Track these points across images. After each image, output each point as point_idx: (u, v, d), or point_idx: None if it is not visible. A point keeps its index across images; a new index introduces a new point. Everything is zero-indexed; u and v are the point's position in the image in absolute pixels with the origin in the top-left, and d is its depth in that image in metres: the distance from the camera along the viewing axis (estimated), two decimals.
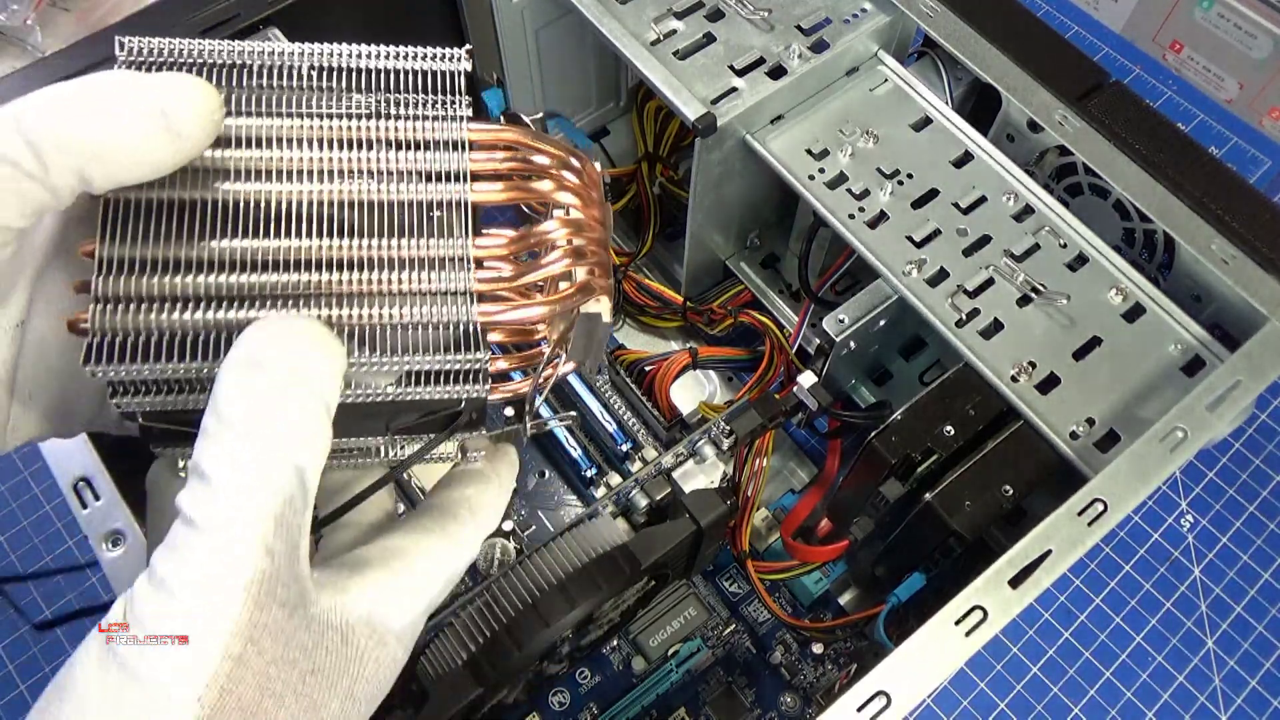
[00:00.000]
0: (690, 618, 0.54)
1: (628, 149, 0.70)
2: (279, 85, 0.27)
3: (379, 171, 0.27)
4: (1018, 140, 0.52)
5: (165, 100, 0.23)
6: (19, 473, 0.65)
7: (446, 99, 0.28)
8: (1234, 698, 0.59)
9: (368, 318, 0.26)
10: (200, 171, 0.26)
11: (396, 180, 0.27)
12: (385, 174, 0.27)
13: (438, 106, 0.28)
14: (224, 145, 0.26)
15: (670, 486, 0.48)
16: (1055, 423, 0.43)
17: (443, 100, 0.28)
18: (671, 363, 0.61)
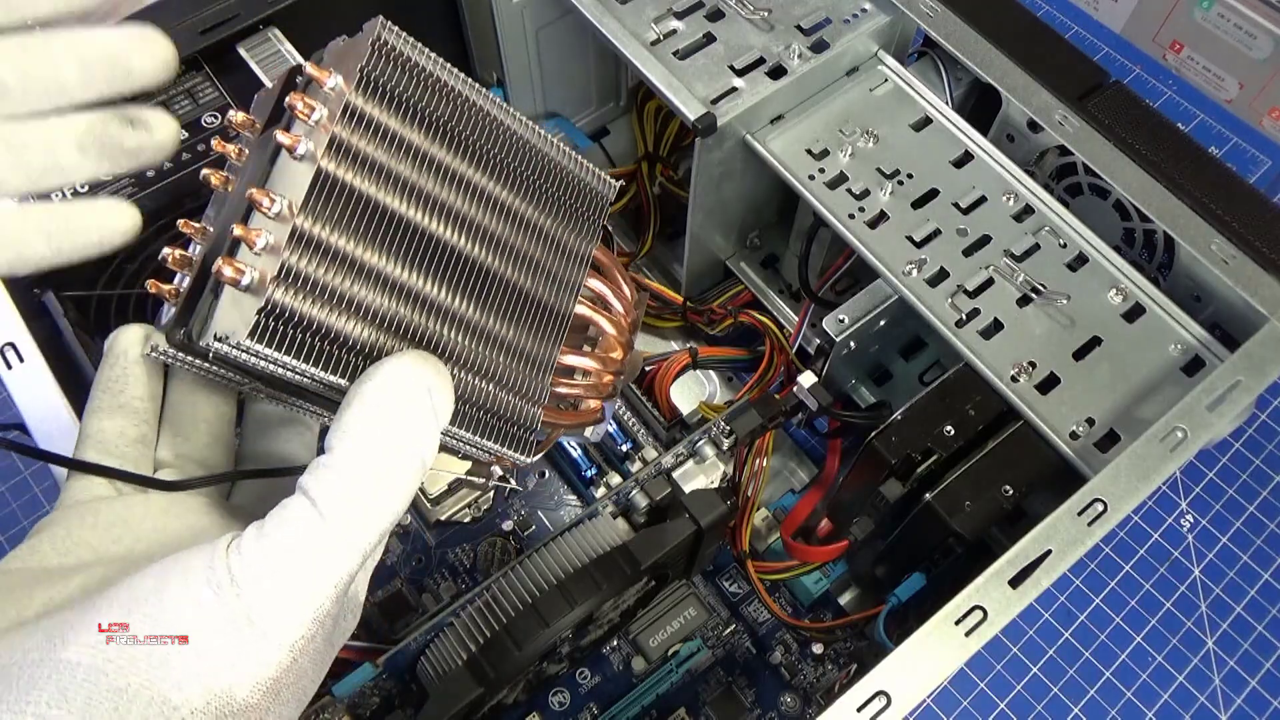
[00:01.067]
0: (690, 618, 0.54)
1: (628, 149, 0.70)
2: (487, 137, 0.29)
3: (525, 257, 0.29)
4: (1018, 140, 0.52)
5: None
6: (19, 473, 0.65)
7: (592, 214, 0.32)
8: (1234, 698, 0.59)
9: (467, 386, 0.28)
10: (402, 184, 0.26)
11: (533, 271, 0.29)
12: (529, 262, 0.29)
13: (585, 217, 0.32)
14: (423, 168, 0.26)
15: (670, 486, 0.48)
16: (1055, 423, 0.43)
17: (590, 213, 0.32)
18: (671, 363, 0.61)
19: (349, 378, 0.25)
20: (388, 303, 0.25)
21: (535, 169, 0.31)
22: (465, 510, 0.57)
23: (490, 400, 0.28)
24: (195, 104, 0.49)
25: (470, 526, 0.57)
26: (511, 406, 0.28)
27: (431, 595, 0.55)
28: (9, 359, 0.42)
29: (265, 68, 0.49)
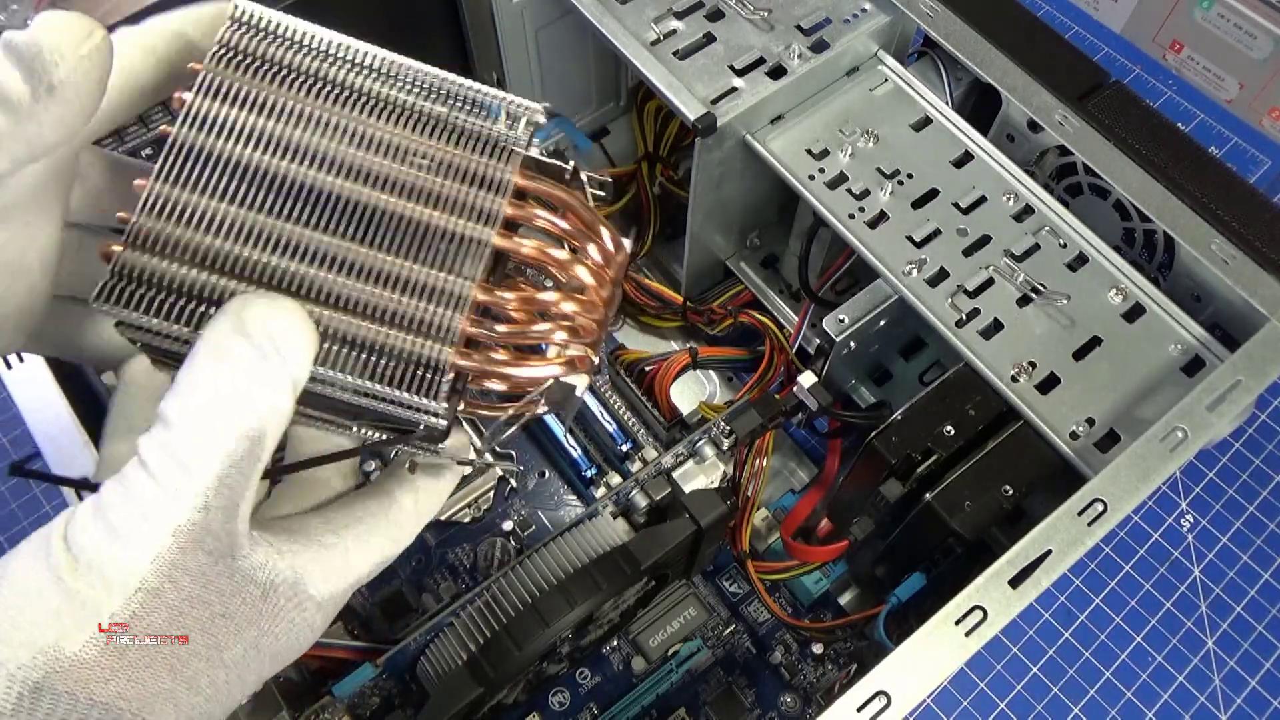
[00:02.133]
0: (690, 618, 0.54)
1: (628, 149, 0.70)
2: (358, 80, 0.28)
3: (420, 190, 0.27)
4: (1018, 140, 0.52)
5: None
6: None
7: (511, 138, 0.29)
8: (1234, 698, 0.59)
9: (352, 326, 0.26)
10: (257, 136, 0.26)
11: (432, 202, 0.27)
12: (424, 193, 0.28)
13: (496, 147, 0.29)
14: (291, 121, 0.27)
15: (670, 486, 0.48)
16: (1055, 423, 0.43)
17: (506, 138, 0.29)
18: (671, 363, 0.61)
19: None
20: (246, 250, 0.26)
21: (424, 104, 0.29)
22: (465, 510, 0.57)
23: (378, 339, 0.26)
24: None
25: (470, 526, 0.57)
26: (409, 345, 0.26)
27: (431, 595, 0.55)
28: (9, 359, 0.42)
29: None
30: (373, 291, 0.27)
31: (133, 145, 0.47)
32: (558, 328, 0.28)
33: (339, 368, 0.26)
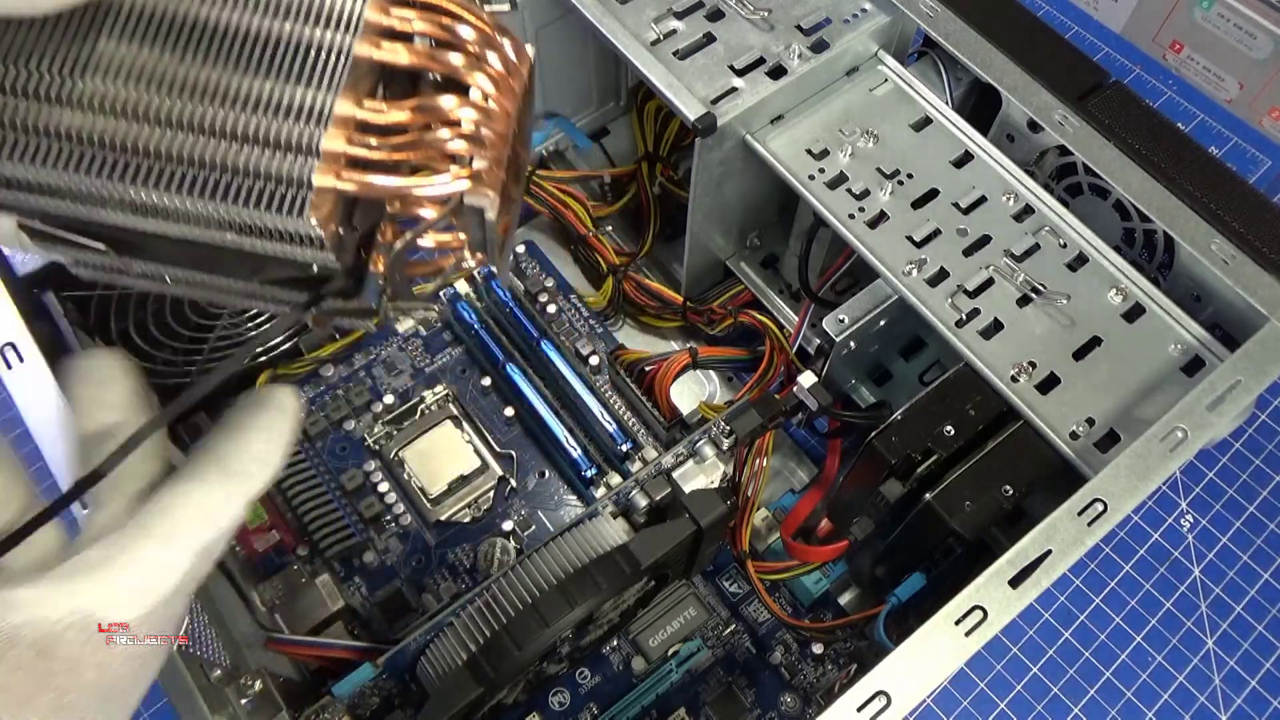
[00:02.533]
0: (690, 618, 0.54)
1: (628, 149, 0.70)
2: None
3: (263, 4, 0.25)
4: (1018, 140, 0.52)
5: None
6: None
7: None
8: (1234, 698, 0.59)
9: (196, 148, 0.24)
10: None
11: (275, 13, 0.25)
12: (269, 6, 0.25)
13: None
14: None
15: (670, 486, 0.48)
16: (1055, 423, 0.43)
17: None
18: (671, 363, 0.61)
19: (67, 167, 0.24)
20: (91, 83, 0.24)
21: None
22: (465, 510, 0.57)
23: (231, 158, 0.24)
24: None
25: (470, 526, 0.57)
26: (267, 163, 0.24)
27: (431, 595, 0.55)
28: (9, 359, 0.42)
29: None
30: (221, 112, 0.24)
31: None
32: (454, 135, 0.25)
33: (195, 192, 0.24)
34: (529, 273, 0.64)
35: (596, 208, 0.67)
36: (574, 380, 0.58)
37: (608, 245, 0.65)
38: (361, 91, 0.25)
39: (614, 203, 0.68)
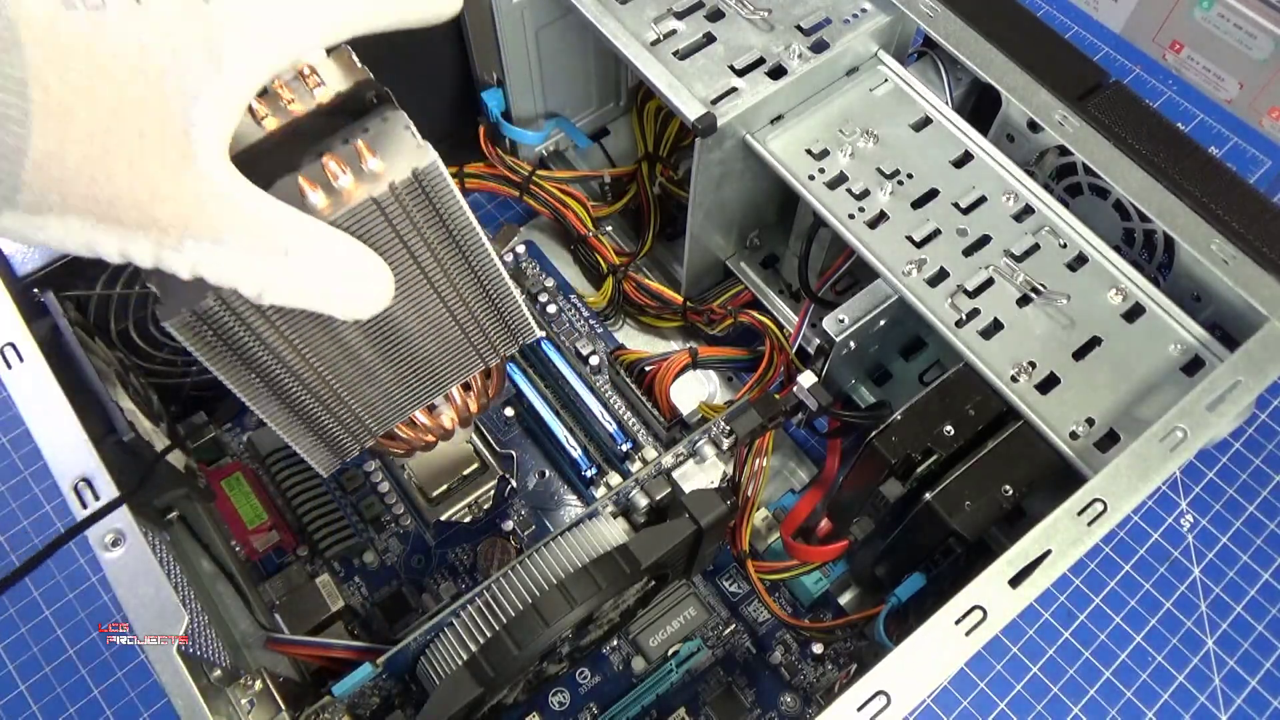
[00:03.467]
0: (690, 618, 0.54)
1: (628, 149, 0.70)
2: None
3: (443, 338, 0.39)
4: (1018, 140, 0.52)
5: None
6: (19, 473, 0.65)
7: (506, 341, 0.41)
8: (1234, 698, 0.59)
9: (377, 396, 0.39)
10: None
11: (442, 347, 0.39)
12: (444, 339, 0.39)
13: (502, 337, 0.41)
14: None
15: (670, 486, 0.48)
16: (1055, 423, 0.43)
17: (505, 339, 0.41)
18: (671, 363, 0.61)
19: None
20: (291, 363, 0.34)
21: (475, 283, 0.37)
22: (465, 510, 0.57)
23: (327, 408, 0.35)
24: None
25: (470, 526, 0.57)
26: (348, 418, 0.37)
27: (431, 595, 0.55)
28: (9, 359, 0.42)
29: None
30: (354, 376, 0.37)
31: None
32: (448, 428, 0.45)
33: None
34: (529, 273, 0.64)
35: (596, 208, 0.67)
36: (574, 380, 0.58)
37: (608, 245, 0.65)
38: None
39: (614, 203, 0.68)
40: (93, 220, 0.25)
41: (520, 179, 0.65)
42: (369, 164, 0.31)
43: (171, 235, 0.26)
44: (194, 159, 0.26)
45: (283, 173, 0.31)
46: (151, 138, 0.25)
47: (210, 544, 0.52)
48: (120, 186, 0.25)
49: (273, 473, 0.57)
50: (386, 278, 0.31)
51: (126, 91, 0.24)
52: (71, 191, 0.24)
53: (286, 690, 0.42)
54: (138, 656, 0.59)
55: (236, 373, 0.33)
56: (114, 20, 0.24)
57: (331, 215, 0.30)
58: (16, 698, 0.58)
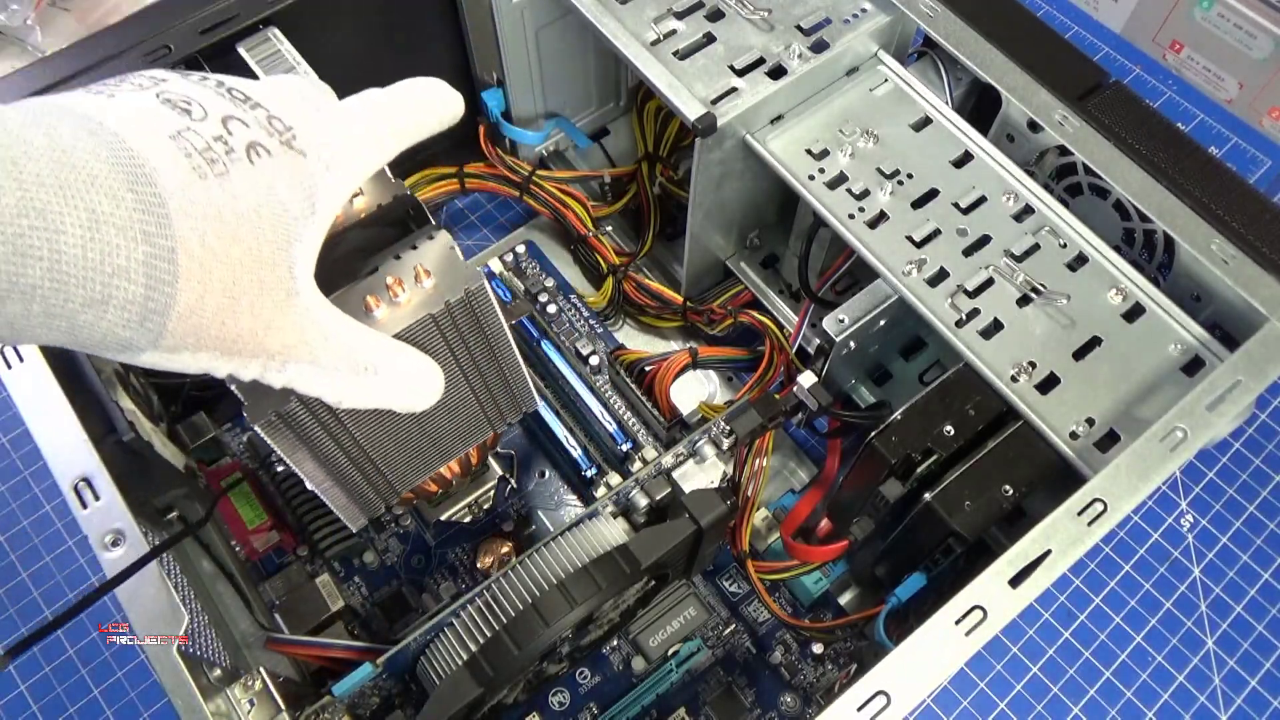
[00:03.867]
0: (690, 618, 0.54)
1: (628, 149, 0.70)
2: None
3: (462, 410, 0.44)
4: (1018, 140, 0.52)
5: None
6: (19, 473, 0.65)
7: (509, 414, 0.46)
8: (1234, 698, 0.59)
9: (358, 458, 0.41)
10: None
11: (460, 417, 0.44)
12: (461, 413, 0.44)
13: (506, 410, 0.46)
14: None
15: (670, 486, 0.48)
16: (1055, 423, 0.43)
17: (508, 412, 0.46)
18: (671, 363, 0.61)
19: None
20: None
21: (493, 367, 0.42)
22: (465, 510, 0.57)
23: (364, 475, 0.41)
24: None
25: (470, 526, 0.57)
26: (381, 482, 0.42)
27: (431, 595, 0.55)
28: (9, 359, 0.42)
29: (265, 68, 0.49)
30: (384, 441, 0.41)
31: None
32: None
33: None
34: (529, 273, 0.64)
35: (596, 208, 0.67)
36: (574, 380, 0.58)
37: (608, 245, 0.65)
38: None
39: (614, 203, 0.68)
40: (217, 354, 0.29)
41: (520, 179, 0.65)
42: (425, 283, 0.36)
43: (277, 360, 0.30)
44: (297, 295, 0.30)
45: (341, 282, 0.36)
46: (267, 283, 0.29)
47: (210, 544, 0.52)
48: (243, 326, 0.28)
49: (273, 473, 0.57)
50: (441, 379, 0.36)
51: (248, 246, 0.28)
52: (205, 334, 0.28)
53: (286, 690, 0.42)
54: (138, 656, 0.59)
55: (296, 450, 0.38)
56: (236, 184, 0.28)
57: (394, 328, 0.35)
58: (17, 698, 0.58)
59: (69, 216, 0.24)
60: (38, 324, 0.25)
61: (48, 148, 0.24)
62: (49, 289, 0.24)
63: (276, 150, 0.29)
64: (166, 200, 0.26)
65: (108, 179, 0.25)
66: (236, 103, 0.29)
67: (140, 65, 0.49)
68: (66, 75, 0.48)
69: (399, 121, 0.34)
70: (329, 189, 0.31)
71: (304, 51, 0.50)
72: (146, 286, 0.25)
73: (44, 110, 0.26)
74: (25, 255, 0.23)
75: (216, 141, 0.28)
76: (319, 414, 0.37)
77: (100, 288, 0.25)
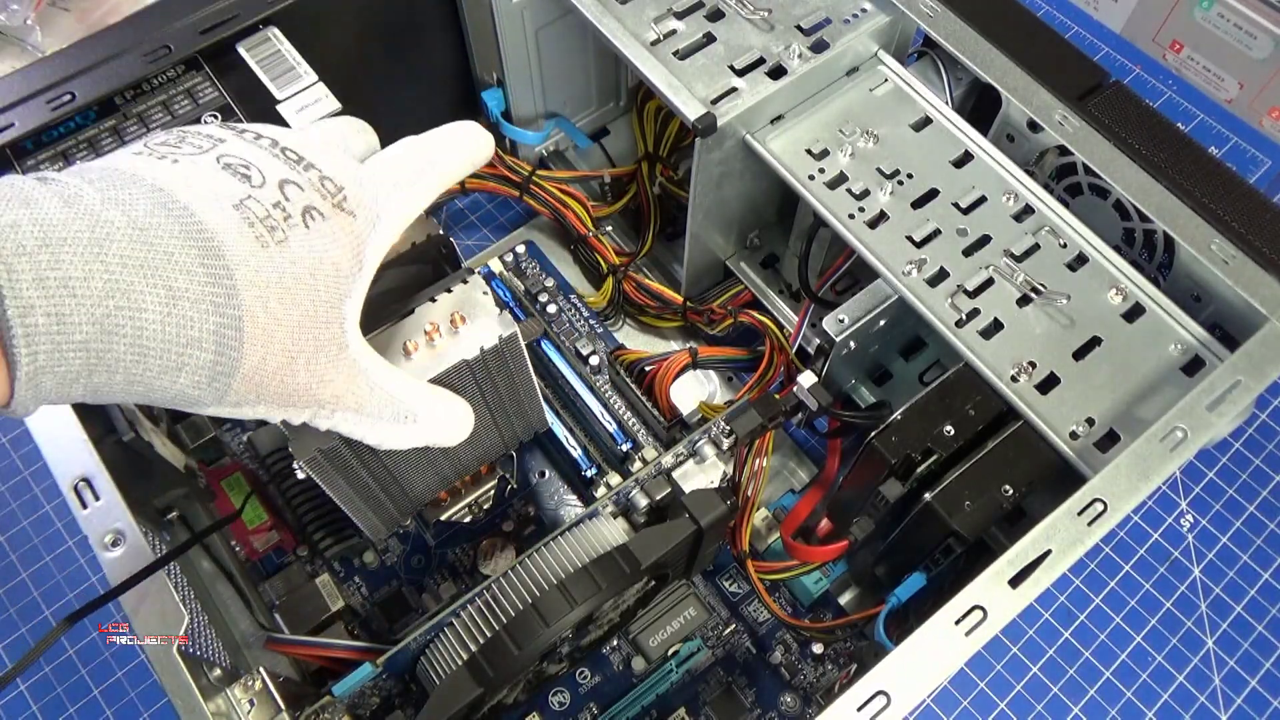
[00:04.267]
0: (690, 618, 0.54)
1: (628, 149, 0.70)
2: None
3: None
4: (1018, 140, 0.52)
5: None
6: (19, 473, 0.65)
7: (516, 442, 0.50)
8: (1234, 698, 0.59)
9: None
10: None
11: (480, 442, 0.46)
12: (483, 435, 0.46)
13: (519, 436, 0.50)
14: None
15: (670, 486, 0.48)
16: (1055, 423, 0.43)
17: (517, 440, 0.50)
18: (671, 363, 0.61)
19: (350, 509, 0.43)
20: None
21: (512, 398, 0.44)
22: (465, 510, 0.57)
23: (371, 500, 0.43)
24: (195, 104, 0.49)
25: (470, 526, 0.57)
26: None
27: (431, 595, 0.55)
28: None
29: (265, 68, 0.49)
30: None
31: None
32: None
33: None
34: (529, 273, 0.64)
35: (596, 208, 0.67)
36: (574, 380, 0.58)
37: (608, 245, 0.65)
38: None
39: (614, 203, 0.68)
40: (276, 406, 0.31)
41: (520, 179, 0.65)
42: (461, 329, 0.38)
43: (326, 409, 0.32)
44: (347, 348, 0.32)
45: (379, 321, 0.38)
46: (322, 340, 0.31)
47: (210, 544, 0.52)
48: (299, 381, 0.31)
49: (272, 473, 0.57)
50: (472, 420, 0.38)
51: (305, 309, 0.30)
52: (265, 390, 0.30)
53: (286, 690, 0.42)
54: (138, 656, 0.59)
55: (334, 481, 0.40)
56: (295, 249, 0.29)
57: (431, 372, 0.37)
58: (17, 698, 0.58)
59: (149, 295, 0.26)
60: (119, 390, 0.27)
61: (127, 226, 0.26)
62: (130, 361, 0.26)
63: (329, 213, 0.31)
64: (234, 271, 0.28)
65: (182, 255, 0.27)
66: (290, 164, 0.31)
67: (140, 65, 0.49)
68: (66, 75, 0.48)
69: (439, 169, 0.35)
70: (376, 244, 0.32)
71: (304, 51, 0.50)
72: (216, 352, 0.28)
73: (117, 183, 0.27)
74: (112, 333, 0.25)
75: (275, 209, 0.29)
76: (359, 451, 0.39)
77: (176, 357, 0.27)
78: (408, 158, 0.35)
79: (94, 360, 0.25)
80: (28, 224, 0.25)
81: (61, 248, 0.25)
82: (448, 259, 0.42)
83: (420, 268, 0.41)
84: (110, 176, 0.28)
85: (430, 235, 0.40)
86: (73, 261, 0.25)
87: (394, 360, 0.37)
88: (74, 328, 0.25)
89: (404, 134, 0.36)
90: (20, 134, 0.46)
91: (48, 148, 0.47)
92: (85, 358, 0.25)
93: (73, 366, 0.25)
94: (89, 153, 0.47)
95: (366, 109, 0.40)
